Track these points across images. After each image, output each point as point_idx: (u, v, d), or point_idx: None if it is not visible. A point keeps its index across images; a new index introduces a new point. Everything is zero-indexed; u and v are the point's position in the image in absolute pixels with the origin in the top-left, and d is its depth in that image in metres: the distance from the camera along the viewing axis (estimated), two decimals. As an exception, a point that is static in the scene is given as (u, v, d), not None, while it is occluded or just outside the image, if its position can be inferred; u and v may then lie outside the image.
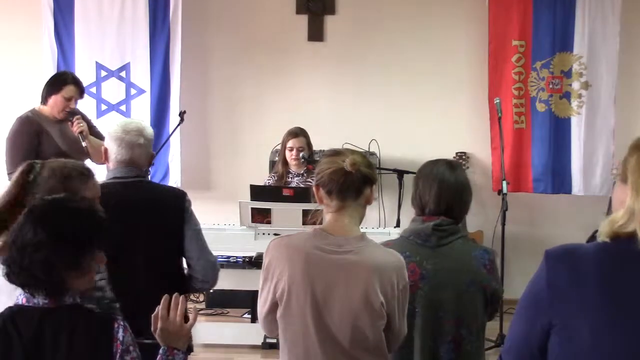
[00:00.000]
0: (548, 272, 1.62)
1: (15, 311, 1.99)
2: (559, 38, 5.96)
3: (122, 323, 2.03)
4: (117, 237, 2.80)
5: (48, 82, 4.67)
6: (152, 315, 2.17)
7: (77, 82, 4.63)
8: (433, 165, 2.71)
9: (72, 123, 4.50)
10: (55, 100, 4.53)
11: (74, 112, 4.55)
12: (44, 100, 4.56)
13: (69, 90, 4.54)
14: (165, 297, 2.20)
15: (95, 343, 1.98)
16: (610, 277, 1.56)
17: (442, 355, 2.58)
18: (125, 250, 2.83)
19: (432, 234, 2.59)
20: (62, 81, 4.59)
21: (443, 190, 2.62)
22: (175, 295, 2.21)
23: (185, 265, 3.10)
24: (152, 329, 2.16)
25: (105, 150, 3.05)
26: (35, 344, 1.94)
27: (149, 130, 3.12)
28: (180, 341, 2.19)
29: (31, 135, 4.46)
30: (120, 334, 2.00)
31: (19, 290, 2.01)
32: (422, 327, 2.58)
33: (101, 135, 4.65)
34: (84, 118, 4.64)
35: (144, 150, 3.04)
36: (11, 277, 1.98)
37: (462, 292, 2.57)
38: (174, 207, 3.00)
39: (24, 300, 1.98)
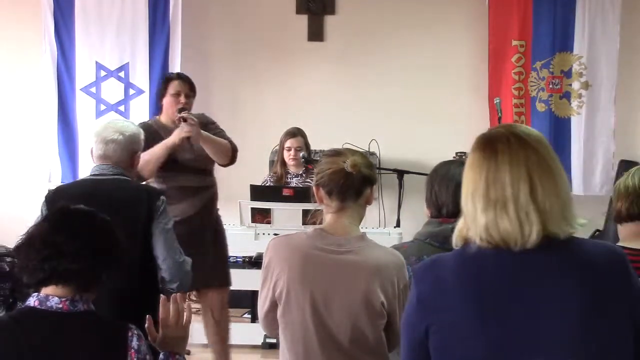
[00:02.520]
0: (416, 286, 1.65)
1: (25, 313, 1.95)
2: (559, 38, 5.97)
3: (136, 332, 1.99)
4: None
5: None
6: (147, 326, 2.12)
7: (181, 77, 4.36)
8: (449, 165, 2.68)
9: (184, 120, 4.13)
10: (165, 102, 4.27)
11: (184, 110, 4.16)
12: (160, 109, 4.34)
13: (174, 85, 4.25)
14: (163, 301, 2.16)
15: (108, 351, 1.94)
16: (467, 281, 1.59)
17: None
18: None
19: (452, 236, 2.56)
20: (167, 80, 4.34)
21: (460, 192, 2.60)
22: (172, 296, 2.18)
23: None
24: (149, 338, 2.12)
25: (91, 150, 3.10)
26: (45, 348, 1.89)
27: (130, 129, 3.13)
28: (181, 345, 2.15)
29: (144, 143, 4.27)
30: (134, 343, 1.96)
31: None
32: None
33: (224, 135, 4.50)
34: (205, 122, 4.36)
35: (120, 147, 3.04)
36: (40, 271, 1.94)
37: None
38: (143, 204, 2.98)
39: (37, 303, 1.94)
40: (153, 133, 4.13)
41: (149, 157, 3.96)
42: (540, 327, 1.52)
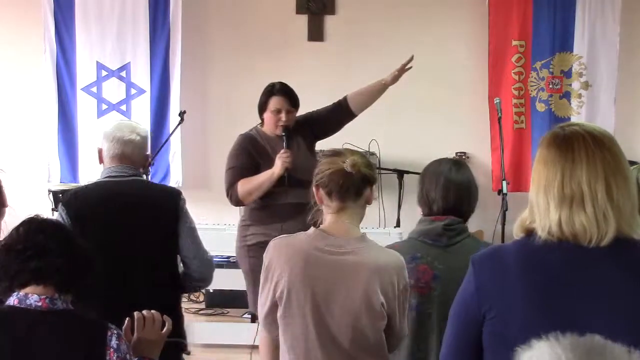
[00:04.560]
0: (475, 275, 1.67)
1: (4, 311, 1.96)
2: (559, 38, 5.97)
3: (116, 331, 1.99)
4: (111, 237, 2.82)
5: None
6: (124, 328, 2.14)
7: (282, 91, 4.09)
8: (438, 164, 2.70)
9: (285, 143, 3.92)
10: (266, 116, 4.04)
11: (288, 131, 3.97)
12: (261, 120, 4.12)
13: (274, 102, 4.02)
14: (137, 313, 2.19)
15: (86, 350, 1.94)
16: (531, 271, 1.61)
17: None
18: (119, 249, 2.82)
19: (443, 233, 2.55)
20: (267, 94, 4.10)
21: (450, 188, 2.60)
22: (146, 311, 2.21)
23: (180, 264, 3.09)
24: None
25: (100, 150, 3.06)
26: (25, 347, 1.90)
27: (143, 129, 3.12)
28: (153, 350, 2.16)
29: (251, 153, 3.98)
30: (114, 342, 1.97)
31: None
32: (438, 328, 2.53)
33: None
34: (308, 118, 4.16)
35: (137, 148, 3.03)
36: (22, 273, 1.95)
37: None
38: (168, 205, 2.98)
39: (16, 302, 1.95)
40: (257, 147, 3.97)
41: (253, 188, 3.85)
42: (604, 322, 1.53)
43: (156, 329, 2.17)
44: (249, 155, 3.96)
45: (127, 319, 2.16)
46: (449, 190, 2.61)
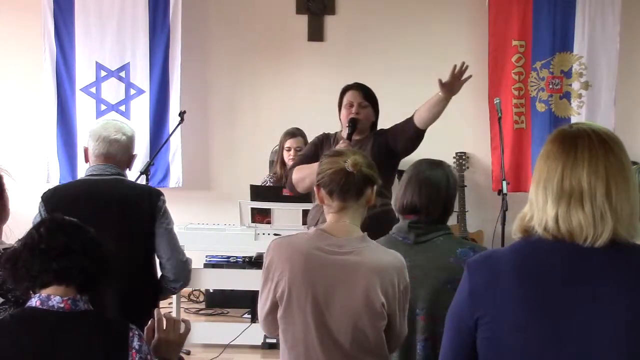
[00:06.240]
0: (470, 280, 1.66)
1: (27, 312, 1.95)
2: (559, 38, 5.97)
3: (137, 332, 2.00)
4: None
5: None
6: (147, 327, 2.16)
7: (355, 86, 4.02)
8: (417, 164, 2.76)
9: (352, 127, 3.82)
10: (342, 116, 3.97)
11: (354, 123, 3.87)
12: (341, 123, 4.04)
13: (347, 96, 3.97)
14: (157, 310, 2.20)
15: (110, 351, 1.95)
16: (524, 274, 1.60)
17: (419, 353, 2.58)
18: None
19: (410, 231, 2.63)
20: (342, 92, 4.04)
21: (419, 186, 2.66)
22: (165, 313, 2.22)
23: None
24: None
25: (85, 150, 3.08)
26: (46, 348, 1.90)
27: (129, 129, 3.13)
28: (174, 351, 2.17)
29: (313, 147, 4.01)
30: (135, 343, 1.97)
31: None
32: None
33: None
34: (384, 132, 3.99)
35: (123, 147, 3.04)
36: (46, 273, 1.94)
37: (438, 290, 2.55)
38: (145, 204, 2.99)
39: (38, 303, 1.95)
40: (324, 144, 3.92)
41: (306, 174, 3.75)
42: (597, 325, 1.53)
43: (176, 330, 2.17)
44: (315, 147, 3.98)
45: (152, 320, 2.17)
46: (418, 188, 2.67)
